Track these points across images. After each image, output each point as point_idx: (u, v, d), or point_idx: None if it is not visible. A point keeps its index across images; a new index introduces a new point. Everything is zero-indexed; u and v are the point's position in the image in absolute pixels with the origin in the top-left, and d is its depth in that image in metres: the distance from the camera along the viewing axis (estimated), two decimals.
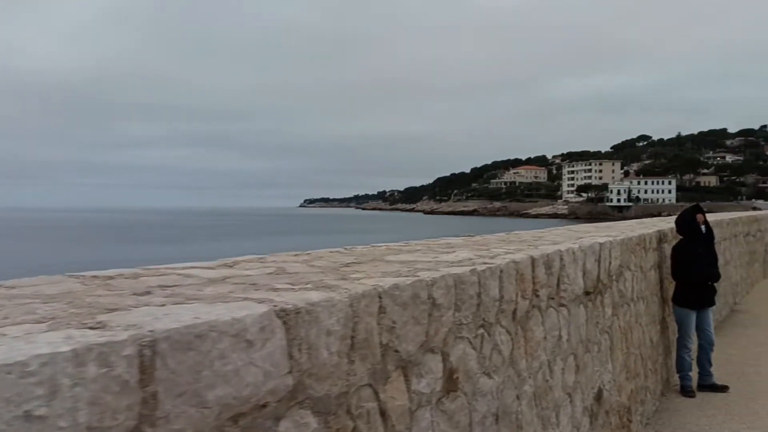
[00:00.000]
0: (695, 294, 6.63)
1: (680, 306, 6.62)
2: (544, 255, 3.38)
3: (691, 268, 6.55)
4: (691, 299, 6.61)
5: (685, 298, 6.63)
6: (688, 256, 6.55)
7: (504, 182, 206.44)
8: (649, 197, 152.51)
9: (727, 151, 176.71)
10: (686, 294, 6.63)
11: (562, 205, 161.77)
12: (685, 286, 6.61)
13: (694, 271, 6.55)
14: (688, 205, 7.31)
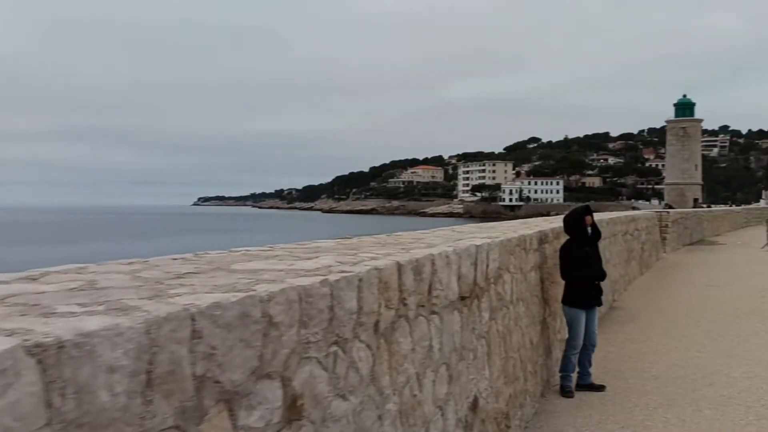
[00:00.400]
0: (584, 294, 6.66)
1: (571, 306, 6.62)
2: (412, 260, 3.14)
3: (581, 268, 6.58)
4: (581, 299, 6.64)
5: (575, 299, 6.63)
6: (577, 255, 6.57)
7: (402, 181, 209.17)
8: (539, 197, 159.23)
9: (609, 154, 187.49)
10: (576, 294, 6.64)
11: (458, 204, 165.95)
12: (575, 286, 6.62)
13: (584, 270, 6.60)
14: (578, 206, 7.33)
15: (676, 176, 69.38)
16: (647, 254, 17.76)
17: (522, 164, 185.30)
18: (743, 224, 43.09)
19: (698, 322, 9.95)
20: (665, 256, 21.21)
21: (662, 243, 21.68)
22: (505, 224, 7.89)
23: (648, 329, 9.52)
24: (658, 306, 11.63)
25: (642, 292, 13.48)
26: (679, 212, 27.22)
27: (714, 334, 8.99)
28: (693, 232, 29.04)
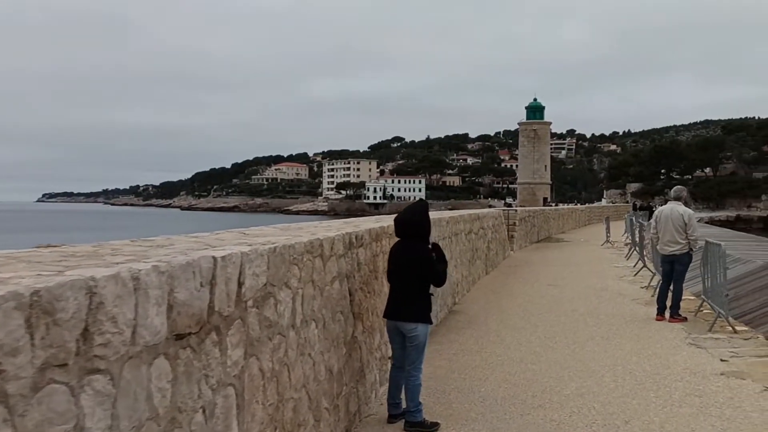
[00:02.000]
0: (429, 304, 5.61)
1: (425, 322, 5.52)
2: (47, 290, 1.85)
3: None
4: (430, 311, 5.60)
5: (429, 311, 5.57)
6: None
7: (266, 178, 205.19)
8: (402, 195, 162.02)
9: (468, 154, 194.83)
10: (429, 305, 5.59)
11: (323, 201, 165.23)
12: (427, 296, 5.57)
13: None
14: (419, 201, 6.04)
15: (528, 176, 72.59)
16: (494, 253, 17.50)
17: (386, 163, 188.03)
18: (586, 222, 45.45)
19: (536, 326, 9.40)
20: (512, 254, 21.27)
21: (510, 241, 21.73)
22: (321, 223, 6.75)
23: (484, 336, 8.81)
24: (499, 308, 11.08)
25: (485, 293, 12.96)
26: (526, 210, 27.75)
27: (550, 341, 8.41)
28: (540, 229, 29.79)
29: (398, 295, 5.63)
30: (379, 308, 6.11)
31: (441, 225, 10.47)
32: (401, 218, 5.73)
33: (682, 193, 10.40)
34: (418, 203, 5.88)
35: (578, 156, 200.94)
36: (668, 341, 8.22)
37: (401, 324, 5.57)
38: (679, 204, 10.15)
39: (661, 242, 10.13)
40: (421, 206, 5.81)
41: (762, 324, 9.05)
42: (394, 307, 5.63)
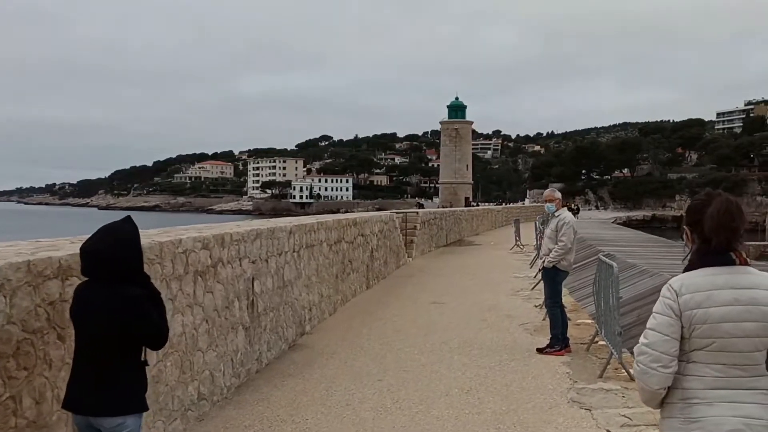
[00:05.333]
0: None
1: (137, 410, 3.29)
2: None
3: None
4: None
5: (142, 391, 3.36)
6: None
7: (189, 177, 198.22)
8: (329, 194, 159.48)
9: (396, 154, 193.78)
10: (142, 383, 3.37)
11: (248, 201, 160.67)
12: (137, 369, 3.34)
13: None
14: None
15: (450, 176, 71.47)
16: (381, 262, 15.37)
17: (313, 162, 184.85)
18: (503, 223, 44.23)
19: (386, 371, 7.25)
20: (410, 262, 19.24)
21: (408, 247, 19.70)
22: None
23: (314, 388, 6.59)
24: (356, 340, 8.89)
25: (352, 315, 10.78)
26: (431, 212, 25.86)
27: (393, 397, 6.26)
28: (449, 232, 28.01)
29: (87, 371, 3.31)
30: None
31: (277, 237, 8.20)
32: (88, 248, 3.39)
33: (555, 195, 8.48)
34: (121, 224, 3.50)
35: (503, 156, 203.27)
36: (544, 396, 6.20)
37: (98, 420, 3.26)
38: (563, 210, 8.26)
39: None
40: (122, 230, 3.44)
41: None
42: (80, 391, 3.31)
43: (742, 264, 2.49)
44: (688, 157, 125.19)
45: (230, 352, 6.55)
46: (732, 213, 2.50)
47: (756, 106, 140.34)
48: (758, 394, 2.44)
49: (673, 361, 2.46)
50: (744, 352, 2.43)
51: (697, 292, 2.45)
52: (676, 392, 2.48)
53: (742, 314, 2.42)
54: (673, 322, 2.46)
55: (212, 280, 6.17)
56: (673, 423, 2.49)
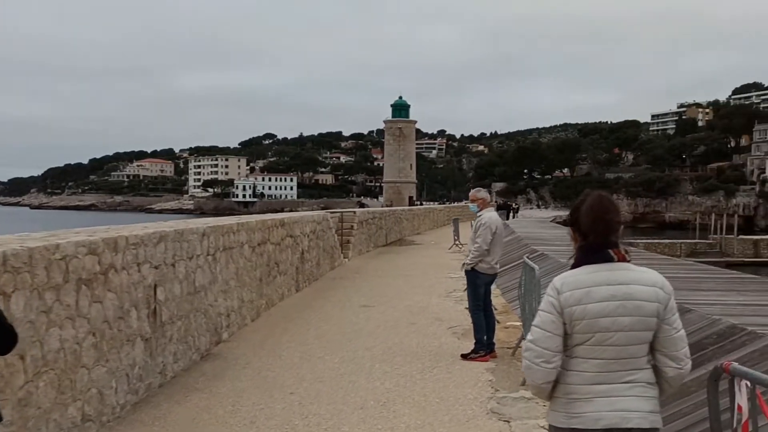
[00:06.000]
0: None
1: None
2: None
3: None
4: None
5: None
6: None
7: (127, 175, 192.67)
8: (273, 193, 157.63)
9: (341, 153, 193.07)
10: None
11: (188, 200, 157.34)
12: None
13: None
14: None
15: (394, 175, 71.38)
16: (313, 264, 14.89)
17: (257, 160, 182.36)
18: (445, 222, 44.30)
19: (301, 380, 6.81)
20: (346, 263, 18.82)
21: (344, 247, 19.28)
22: None
23: (219, 404, 6.09)
24: (277, 346, 8.42)
25: (276, 320, 10.28)
26: (369, 212, 25.52)
27: (304, 412, 5.82)
28: (389, 232, 27.74)
29: None
30: None
31: (187, 240, 7.64)
32: None
33: (477, 194, 8.18)
34: None
35: (448, 156, 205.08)
36: (463, 406, 5.88)
37: None
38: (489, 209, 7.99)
39: None
40: None
41: None
42: None
43: (620, 261, 2.56)
44: (624, 157, 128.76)
45: (125, 367, 5.98)
46: (605, 206, 2.62)
47: (688, 109, 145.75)
48: (636, 387, 2.52)
49: (555, 356, 2.54)
50: (621, 346, 2.51)
51: (576, 290, 2.53)
52: (560, 387, 2.57)
53: (618, 309, 2.49)
54: (555, 318, 2.54)
55: (101, 289, 5.60)
56: (557, 417, 2.58)
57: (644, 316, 2.50)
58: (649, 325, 2.52)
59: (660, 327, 2.53)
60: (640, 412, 2.50)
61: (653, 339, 2.55)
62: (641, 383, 2.53)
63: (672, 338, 2.54)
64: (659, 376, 2.57)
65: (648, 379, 2.55)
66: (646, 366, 2.55)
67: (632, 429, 2.49)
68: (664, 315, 2.53)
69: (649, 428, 2.52)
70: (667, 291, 2.57)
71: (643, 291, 2.52)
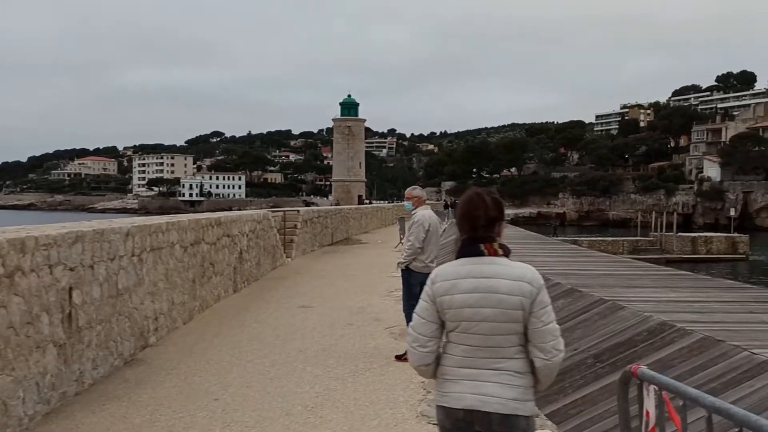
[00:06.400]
0: None
1: None
2: None
3: None
4: None
5: None
6: None
7: (68, 174, 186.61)
8: (221, 192, 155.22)
9: (291, 151, 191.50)
10: None
11: (133, 199, 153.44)
12: None
13: None
14: None
15: (343, 173, 71.06)
16: (252, 264, 14.54)
17: (204, 158, 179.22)
18: (393, 221, 44.27)
19: (228, 386, 6.53)
20: (289, 262, 18.50)
21: (287, 247, 18.94)
22: None
23: (137, 413, 5.76)
24: (207, 350, 8.10)
25: (209, 323, 9.94)
26: (314, 211, 25.22)
27: (226, 420, 5.55)
28: (336, 231, 27.47)
29: None
30: None
31: (108, 240, 7.26)
32: None
33: (424, 194, 8.09)
34: None
35: (399, 155, 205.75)
36: (393, 410, 5.71)
37: None
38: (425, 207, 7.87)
39: None
40: None
41: None
42: None
43: (491, 255, 2.69)
44: (570, 156, 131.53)
45: (35, 375, 5.60)
46: (474, 203, 2.73)
47: (630, 110, 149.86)
48: (502, 374, 2.64)
49: (430, 341, 2.73)
50: (486, 335, 2.65)
51: (446, 281, 2.71)
52: (439, 368, 2.77)
53: (480, 301, 2.64)
54: (429, 306, 2.75)
55: (6, 293, 5.22)
56: (436, 395, 2.81)
57: (507, 308, 2.62)
58: (514, 318, 2.63)
59: (528, 320, 2.64)
60: (501, 398, 2.61)
61: (524, 330, 2.66)
62: (509, 371, 2.64)
63: (540, 331, 2.64)
64: (533, 367, 2.68)
65: (517, 368, 2.65)
66: (516, 356, 2.66)
67: (492, 414, 2.60)
68: (531, 308, 2.63)
69: (508, 414, 2.60)
70: (536, 286, 2.66)
71: (506, 285, 2.63)
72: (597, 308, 7.94)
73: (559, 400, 6.11)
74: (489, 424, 2.60)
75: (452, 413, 2.66)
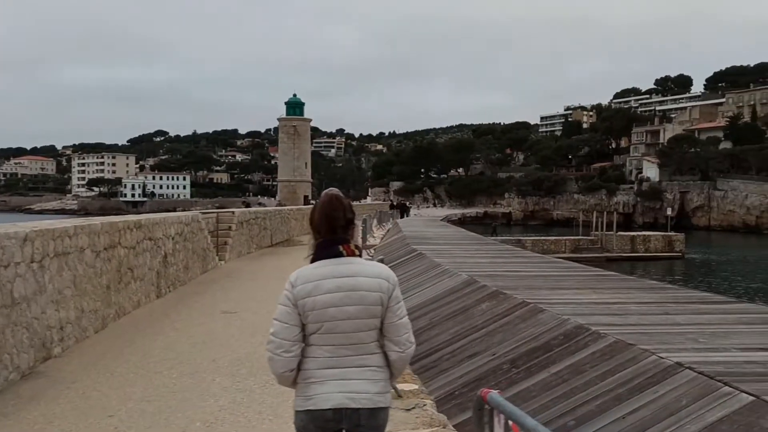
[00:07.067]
0: None
1: None
2: None
3: None
4: None
5: None
6: None
7: (4, 173, 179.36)
8: (165, 192, 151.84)
9: (237, 151, 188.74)
10: None
11: (72, 199, 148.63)
12: None
13: None
14: None
15: (288, 174, 70.34)
16: (179, 268, 14.02)
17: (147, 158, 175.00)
18: None
19: (127, 401, 6.14)
20: (222, 265, 18.00)
21: (220, 249, 18.43)
22: None
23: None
24: (114, 361, 7.65)
25: (124, 330, 9.45)
26: (251, 212, 24.71)
27: None
28: (275, 232, 26.99)
29: None
30: None
31: (2, 246, 6.76)
32: None
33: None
34: None
35: (347, 155, 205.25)
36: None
37: None
38: None
39: None
40: None
41: (438, 376, 6.77)
42: None
43: (349, 255, 2.75)
44: (515, 157, 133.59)
45: None
46: (333, 205, 2.82)
47: (573, 112, 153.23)
48: (366, 370, 2.71)
49: (294, 345, 2.74)
50: (348, 333, 2.70)
51: (307, 283, 2.73)
52: (300, 373, 2.78)
53: (344, 299, 2.69)
54: (291, 310, 2.75)
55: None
56: (297, 401, 2.80)
57: (369, 304, 2.70)
58: (374, 313, 2.72)
59: (384, 315, 2.74)
60: (367, 393, 2.68)
61: (380, 325, 2.75)
62: (371, 367, 2.73)
63: (395, 325, 2.75)
64: (387, 360, 2.79)
65: (377, 362, 2.75)
66: (376, 351, 2.75)
67: (360, 410, 2.67)
68: (388, 303, 2.74)
69: (373, 408, 2.70)
70: (392, 282, 2.77)
71: (367, 282, 2.72)
72: (518, 311, 7.84)
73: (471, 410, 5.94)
74: (357, 419, 2.67)
75: (320, 415, 2.69)
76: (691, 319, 6.75)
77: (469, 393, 6.28)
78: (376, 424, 2.74)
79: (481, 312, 8.47)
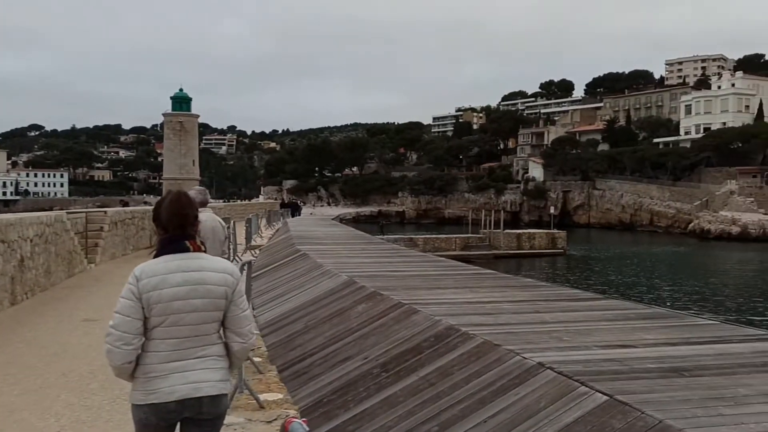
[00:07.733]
0: None
1: None
2: None
3: None
4: None
5: None
6: None
7: None
8: (40, 190, 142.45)
9: (121, 147, 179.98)
10: None
11: None
12: None
13: None
14: None
15: (174, 171, 67.61)
16: (39, 272, 12.90)
17: (20, 153, 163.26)
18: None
19: None
20: (92, 268, 16.82)
21: (90, 251, 17.23)
22: None
23: None
24: None
25: None
26: (127, 211, 23.39)
27: None
28: (154, 232, 25.67)
29: None
30: None
31: None
32: None
33: (207, 197, 7.48)
34: None
35: (239, 152, 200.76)
36: None
37: None
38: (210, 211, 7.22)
39: None
40: None
41: (308, 383, 6.47)
42: None
43: (195, 251, 2.87)
44: (409, 156, 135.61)
45: None
46: (182, 202, 2.93)
47: (464, 113, 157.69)
48: (208, 360, 2.83)
49: (135, 338, 2.75)
50: (193, 325, 2.81)
51: (153, 277, 2.78)
52: (140, 368, 2.78)
53: (190, 293, 2.79)
54: (134, 304, 2.77)
55: None
56: (137, 395, 2.79)
57: (214, 298, 2.84)
58: (219, 306, 2.86)
59: (228, 308, 2.89)
60: (210, 381, 2.80)
61: (223, 318, 2.90)
62: (212, 356, 2.85)
63: (238, 317, 2.92)
64: (229, 350, 2.92)
65: (218, 352, 2.88)
66: (217, 341, 2.89)
67: (203, 397, 2.77)
68: (232, 297, 2.90)
69: (217, 395, 2.83)
70: (236, 277, 2.95)
71: (214, 277, 2.85)
72: (393, 313, 7.67)
73: (340, 415, 5.70)
74: (199, 407, 2.78)
75: (163, 407, 2.74)
76: (558, 317, 6.82)
77: (337, 400, 6.03)
78: (218, 411, 2.86)
79: (357, 314, 8.24)
